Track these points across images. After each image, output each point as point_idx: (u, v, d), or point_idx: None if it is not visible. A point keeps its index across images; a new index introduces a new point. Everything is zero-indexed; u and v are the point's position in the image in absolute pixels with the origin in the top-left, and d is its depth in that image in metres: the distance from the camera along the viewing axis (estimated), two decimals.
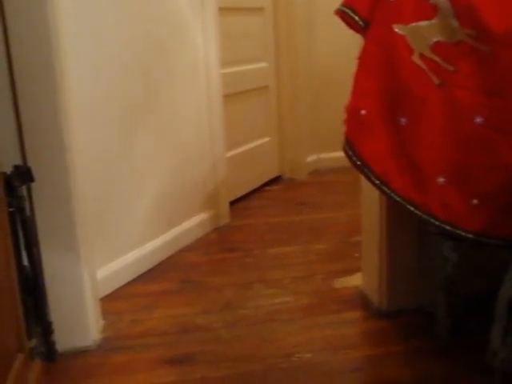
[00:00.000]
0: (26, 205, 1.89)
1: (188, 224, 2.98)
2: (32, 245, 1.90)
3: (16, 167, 1.83)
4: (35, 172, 1.87)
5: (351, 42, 2.08)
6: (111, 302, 2.36)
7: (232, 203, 3.42)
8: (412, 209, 1.78)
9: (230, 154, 3.41)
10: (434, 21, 1.73)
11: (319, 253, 2.81)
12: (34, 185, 1.91)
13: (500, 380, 1.23)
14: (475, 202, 1.72)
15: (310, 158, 4.20)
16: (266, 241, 2.98)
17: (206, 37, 3.00)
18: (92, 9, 2.32)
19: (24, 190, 1.89)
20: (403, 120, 1.77)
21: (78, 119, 2.10)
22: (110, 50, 2.41)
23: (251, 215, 3.40)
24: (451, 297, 1.92)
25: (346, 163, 1.87)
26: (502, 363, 1.22)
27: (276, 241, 2.98)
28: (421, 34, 1.74)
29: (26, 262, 1.90)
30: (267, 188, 3.89)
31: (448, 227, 1.76)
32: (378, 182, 1.81)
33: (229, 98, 3.31)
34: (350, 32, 1.88)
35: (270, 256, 2.80)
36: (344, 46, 2.92)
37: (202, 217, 3.09)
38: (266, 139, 3.92)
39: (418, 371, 1.86)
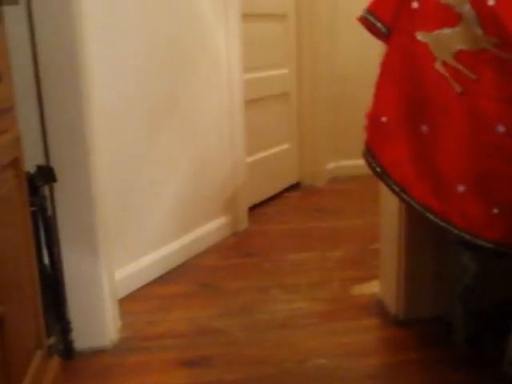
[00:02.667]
0: (48, 204, 1.92)
1: (206, 228, 2.99)
2: (53, 244, 1.92)
3: (39, 167, 1.86)
4: (58, 172, 1.90)
5: (373, 49, 2.08)
6: (129, 302, 2.38)
7: (251, 209, 3.43)
8: (431, 217, 1.78)
9: (249, 159, 3.42)
10: (457, 28, 1.72)
11: (337, 259, 2.80)
12: (56, 185, 1.94)
13: None
14: (496, 211, 1.71)
15: (330, 165, 4.20)
16: (284, 247, 2.99)
17: (228, 42, 3.02)
18: (117, 13, 2.35)
19: (46, 190, 1.92)
20: (424, 128, 1.77)
21: (102, 121, 2.13)
22: (135, 54, 2.44)
23: (269, 221, 3.41)
24: (470, 306, 1.90)
25: (365, 171, 1.87)
26: None
27: (294, 247, 2.98)
28: (444, 41, 1.73)
29: (46, 260, 1.92)
30: (286, 194, 3.90)
31: (467, 236, 1.75)
32: (397, 189, 1.81)
33: (250, 103, 3.33)
34: (373, 39, 1.88)
35: (287, 262, 2.81)
36: (366, 53, 2.93)
37: (220, 221, 3.10)
38: (286, 146, 3.93)
39: (433, 381, 1.85)
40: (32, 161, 1.85)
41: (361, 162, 1.87)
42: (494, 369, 1.42)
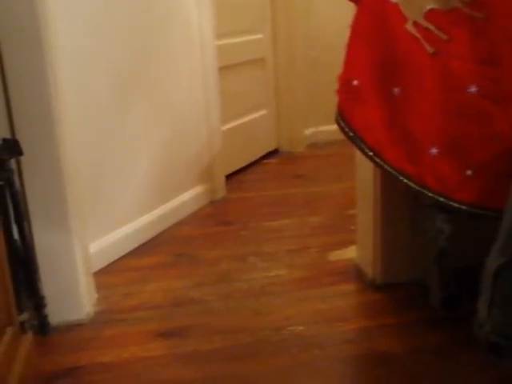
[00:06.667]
0: (16, 178, 1.87)
1: (183, 197, 2.96)
2: (22, 218, 1.89)
3: (4, 140, 1.81)
4: (25, 146, 1.85)
5: (349, 13, 2.03)
6: (105, 275, 2.36)
7: (228, 176, 3.40)
8: (405, 180, 1.76)
9: (226, 126, 3.38)
10: None
11: (315, 226, 2.79)
12: (23, 158, 1.89)
13: (486, 351, 1.22)
14: (469, 172, 1.70)
15: (308, 131, 4.17)
16: (262, 214, 2.97)
17: (200, 7, 2.94)
18: None
19: (13, 164, 1.87)
20: (396, 90, 1.74)
21: (69, 90, 2.07)
22: (102, 19, 2.37)
23: (247, 188, 3.39)
24: (444, 269, 1.90)
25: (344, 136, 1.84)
26: (488, 335, 1.21)
27: (272, 214, 2.96)
28: (415, 1, 1.70)
29: (16, 235, 1.89)
30: (264, 161, 3.87)
31: (441, 199, 1.74)
32: (370, 153, 1.79)
33: (224, 70, 3.27)
34: (347, 1, 1.84)
35: (265, 229, 2.79)
36: (342, 17, 2.87)
37: (197, 190, 3.07)
38: (263, 112, 3.88)
39: (410, 343, 1.85)
40: None
41: None
42: (469, 329, 1.42)
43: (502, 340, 1.19)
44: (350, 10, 1.97)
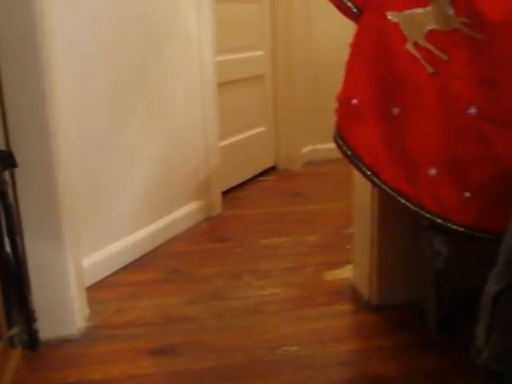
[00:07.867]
0: (9, 191, 1.85)
1: (178, 213, 2.94)
2: (14, 231, 1.86)
3: None
4: (19, 157, 1.83)
5: (349, 31, 2.03)
6: (98, 290, 2.33)
7: (225, 193, 3.38)
8: (403, 201, 1.75)
9: (224, 143, 3.37)
10: (428, 8, 1.68)
11: (311, 244, 2.77)
12: (17, 170, 1.87)
13: (484, 378, 1.20)
14: (467, 194, 1.69)
15: (306, 149, 4.16)
16: (258, 231, 2.95)
17: (200, 23, 2.94)
18: None
19: (7, 176, 1.85)
20: (396, 110, 1.74)
21: (65, 103, 2.06)
22: (101, 33, 2.36)
23: (244, 205, 3.37)
24: (441, 291, 1.88)
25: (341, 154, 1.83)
26: (486, 361, 1.19)
27: (268, 231, 2.94)
28: (415, 21, 1.69)
29: (8, 248, 1.86)
30: (261, 178, 3.86)
31: (439, 220, 1.73)
32: (369, 172, 1.78)
33: (223, 86, 3.27)
34: (349, 21, 1.83)
35: (261, 247, 2.77)
36: (342, 35, 2.86)
37: (193, 206, 3.05)
38: (261, 129, 3.88)
39: (405, 366, 1.82)
40: None
41: None
42: (467, 353, 1.40)
43: (501, 366, 1.17)
44: (350, 29, 1.97)
